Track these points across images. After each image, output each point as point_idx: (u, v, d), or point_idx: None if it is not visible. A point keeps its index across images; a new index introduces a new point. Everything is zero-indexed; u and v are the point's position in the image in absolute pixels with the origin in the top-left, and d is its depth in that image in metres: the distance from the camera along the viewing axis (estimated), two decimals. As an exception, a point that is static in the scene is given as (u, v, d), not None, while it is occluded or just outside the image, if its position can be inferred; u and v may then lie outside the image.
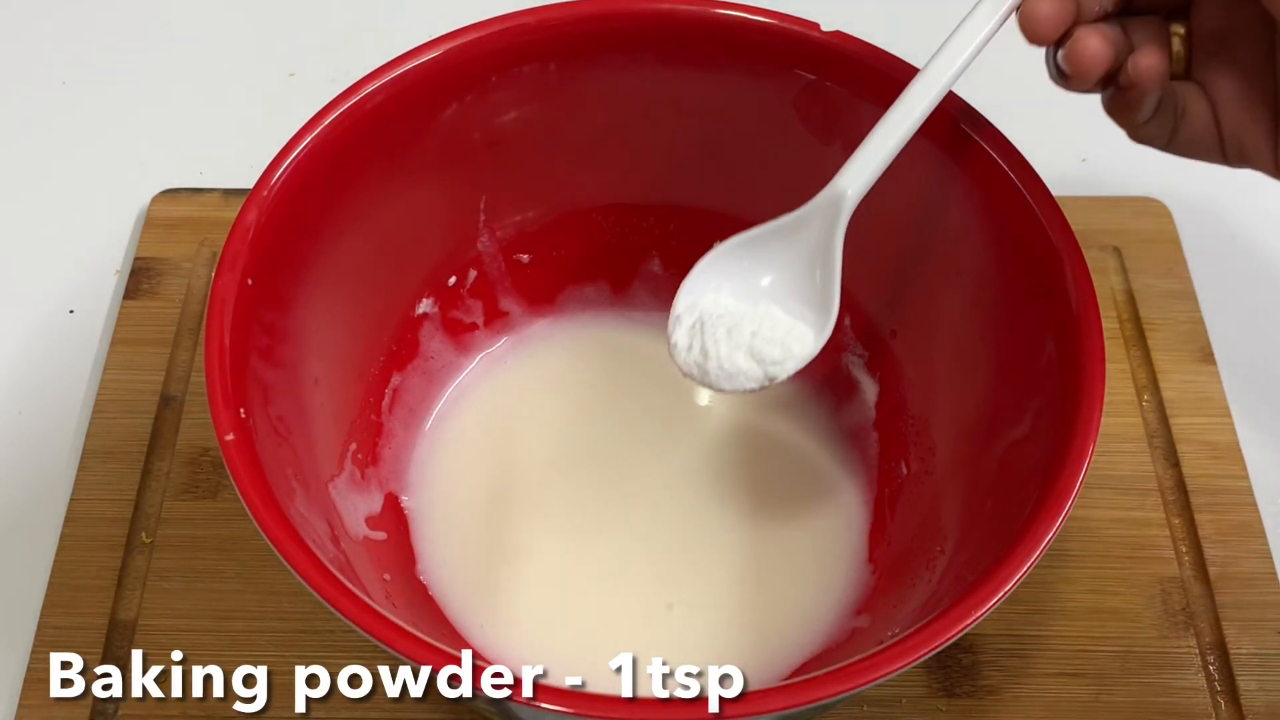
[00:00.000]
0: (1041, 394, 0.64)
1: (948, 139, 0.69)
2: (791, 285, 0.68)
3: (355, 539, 0.70)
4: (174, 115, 1.05)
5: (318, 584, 0.55)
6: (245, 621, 0.75)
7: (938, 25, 0.64)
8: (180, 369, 0.85)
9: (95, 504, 0.80)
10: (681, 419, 0.82)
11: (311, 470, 0.68)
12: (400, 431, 0.79)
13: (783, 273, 0.68)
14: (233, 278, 0.63)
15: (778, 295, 0.68)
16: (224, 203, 0.94)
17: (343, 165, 0.69)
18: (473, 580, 0.76)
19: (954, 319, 0.74)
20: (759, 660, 0.73)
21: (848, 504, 0.79)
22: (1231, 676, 0.75)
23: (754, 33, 0.72)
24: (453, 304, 0.81)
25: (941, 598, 0.62)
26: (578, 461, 0.81)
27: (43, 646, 0.75)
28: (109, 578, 0.77)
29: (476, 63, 0.72)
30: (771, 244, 0.68)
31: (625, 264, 0.84)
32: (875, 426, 0.80)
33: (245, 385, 0.62)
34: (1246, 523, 0.81)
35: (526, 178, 0.79)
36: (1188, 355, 0.88)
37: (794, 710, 0.55)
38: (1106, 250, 0.92)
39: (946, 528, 0.69)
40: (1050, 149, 0.73)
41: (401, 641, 0.54)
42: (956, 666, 0.75)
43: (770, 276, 0.68)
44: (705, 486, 0.80)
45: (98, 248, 0.94)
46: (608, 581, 0.76)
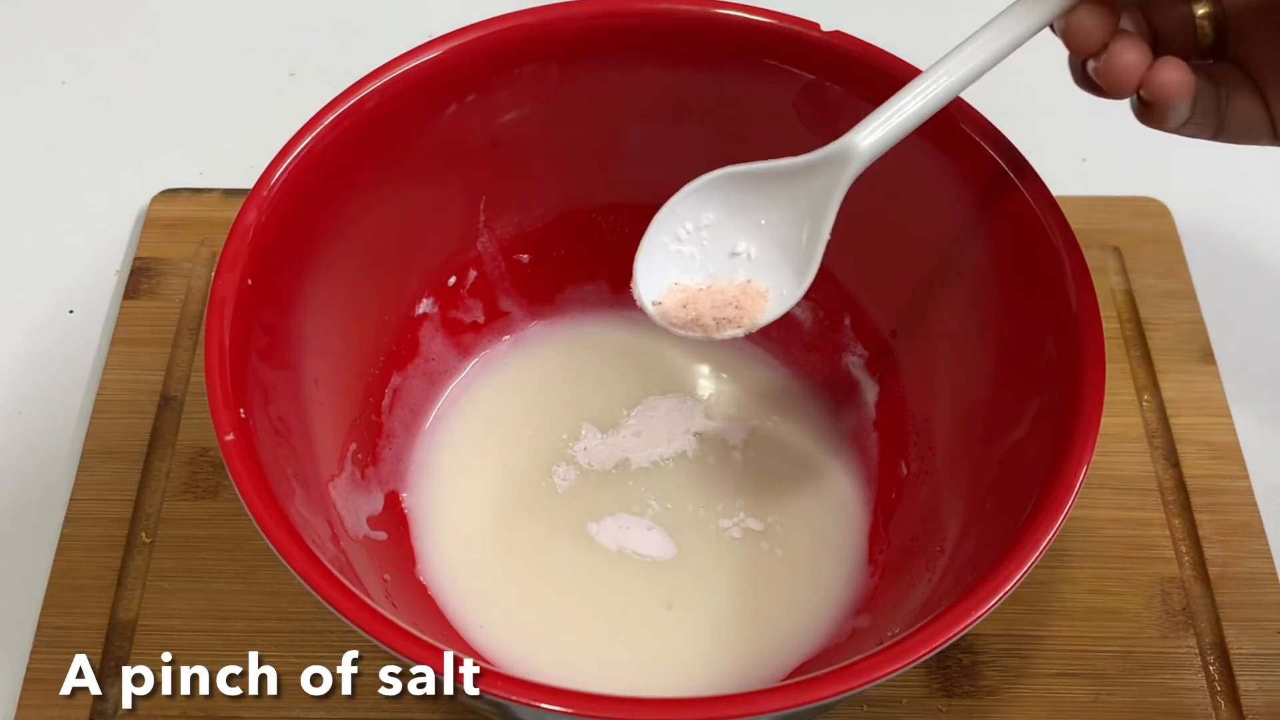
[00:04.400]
0: (1042, 394, 0.64)
1: (948, 139, 0.69)
2: (776, 234, 0.67)
3: (355, 539, 0.70)
4: (174, 115, 1.05)
5: (317, 584, 0.55)
6: (245, 621, 0.75)
7: (937, 26, 0.64)
8: (180, 369, 0.86)
9: (95, 504, 0.80)
10: (681, 418, 0.82)
11: (311, 470, 0.68)
12: (400, 431, 0.79)
13: (770, 217, 0.67)
14: (232, 278, 0.63)
15: (760, 239, 0.68)
16: (224, 203, 0.94)
17: (342, 165, 0.69)
18: (472, 580, 0.76)
19: (954, 319, 0.74)
20: (759, 660, 0.73)
21: (848, 504, 0.79)
22: (1231, 676, 0.75)
23: (754, 32, 0.72)
24: (453, 304, 0.81)
25: (941, 598, 0.62)
26: (576, 461, 0.81)
27: (42, 646, 0.75)
28: (109, 578, 0.77)
29: (476, 63, 0.72)
30: (766, 185, 0.67)
31: (624, 264, 0.84)
32: (875, 427, 0.80)
33: (245, 385, 0.62)
34: (1246, 523, 0.81)
35: (526, 178, 0.79)
36: (1188, 355, 0.88)
37: (794, 710, 0.55)
38: (1107, 250, 0.92)
39: (946, 527, 0.70)
40: (1050, 149, 0.73)
41: (401, 642, 0.54)
42: (956, 666, 0.75)
43: (759, 218, 0.68)
44: (705, 486, 0.80)
45: (98, 247, 0.94)
46: (607, 581, 0.76)
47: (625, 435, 0.81)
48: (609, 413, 0.83)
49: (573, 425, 0.82)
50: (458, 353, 0.83)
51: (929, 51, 0.63)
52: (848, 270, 0.79)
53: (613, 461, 0.80)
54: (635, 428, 0.82)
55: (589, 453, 0.81)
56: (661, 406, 0.83)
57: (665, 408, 0.83)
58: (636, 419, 0.82)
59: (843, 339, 0.81)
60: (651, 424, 0.82)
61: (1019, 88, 0.76)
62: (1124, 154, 1.00)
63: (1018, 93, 0.74)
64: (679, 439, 0.82)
